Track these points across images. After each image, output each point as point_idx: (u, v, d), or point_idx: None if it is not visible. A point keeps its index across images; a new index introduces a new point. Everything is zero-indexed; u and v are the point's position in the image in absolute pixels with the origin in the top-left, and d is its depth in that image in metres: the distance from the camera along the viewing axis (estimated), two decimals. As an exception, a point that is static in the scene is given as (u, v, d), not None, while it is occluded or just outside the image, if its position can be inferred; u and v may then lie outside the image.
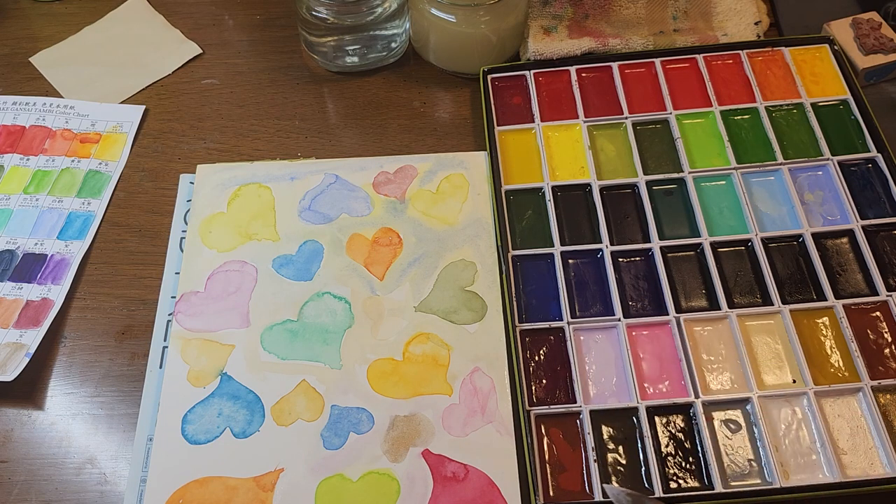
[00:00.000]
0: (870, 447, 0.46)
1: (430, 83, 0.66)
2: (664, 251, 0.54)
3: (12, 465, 0.49)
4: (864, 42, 0.62)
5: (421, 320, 0.53)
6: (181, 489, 0.47)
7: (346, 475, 0.47)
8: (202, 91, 0.66)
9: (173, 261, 0.57)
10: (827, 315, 0.51)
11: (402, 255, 0.56)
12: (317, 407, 0.50)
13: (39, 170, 0.62)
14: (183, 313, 0.53)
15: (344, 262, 0.55)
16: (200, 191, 0.59)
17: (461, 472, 0.47)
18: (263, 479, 0.47)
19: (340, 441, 0.48)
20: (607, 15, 0.66)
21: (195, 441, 0.49)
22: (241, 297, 0.54)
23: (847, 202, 0.55)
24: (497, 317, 0.52)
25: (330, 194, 0.59)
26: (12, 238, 0.58)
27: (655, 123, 0.60)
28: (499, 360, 0.51)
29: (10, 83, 0.68)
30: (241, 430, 0.49)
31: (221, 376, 0.51)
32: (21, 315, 0.54)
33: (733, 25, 0.65)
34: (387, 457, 0.48)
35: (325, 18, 0.62)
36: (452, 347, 0.51)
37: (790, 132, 0.59)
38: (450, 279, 0.54)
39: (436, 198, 0.58)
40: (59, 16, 0.72)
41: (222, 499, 0.47)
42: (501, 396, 0.49)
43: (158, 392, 0.51)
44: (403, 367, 0.51)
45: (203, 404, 0.50)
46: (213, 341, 0.52)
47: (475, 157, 0.60)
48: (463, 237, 0.56)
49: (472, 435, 0.48)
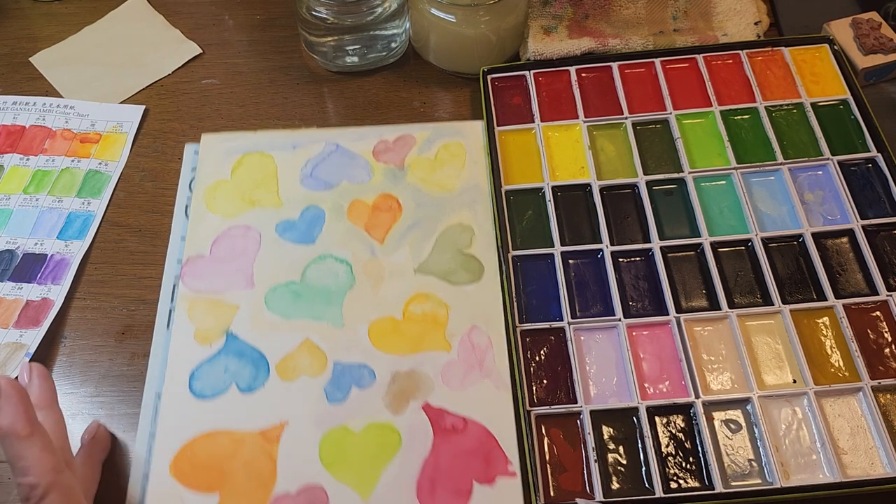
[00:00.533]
0: (870, 447, 0.46)
1: (430, 83, 0.66)
2: (664, 251, 0.54)
3: (12, 465, 0.49)
4: (863, 42, 0.62)
5: (420, 281, 0.54)
6: (190, 442, 0.48)
7: (349, 427, 0.49)
8: (202, 91, 0.66)
9: (179, 226, 0.58)
10: (827, 315, 0.51)
11: (402, 220, 0.57)
12: (320, 363, 0.51)
13: (39, 170, 0.62)
14: (189, 276, 0.55)
15: (345, 227, 0.57)
16: (205, 159, 0.60)
17: (460, 423, 0.48)
18: (269, 431, 0.49)
19: (343, 395, 0.50)
20: (607, 15, 0.66)
21: (202, 396, 0.50)
22: (246, 260, 0.56)
23: (847, 202, 0.55)
24: (494, 278, 0.54)
25: (331, 162, 0.60)
26: (12, 238, 0.58)
27: (655, 123, 0.60)
28: (496, 319, 0.52)
29: (10, 83, 0.68)
30: (247, 386, 0.50)
31: (227, 335, 0.52)
32: (21, 315, 0.54)
33: (733, 25, 0.65)
34: (388, 410, 0.49)
35: (325, 18, 0.62)
36: (451, 307, 0.53)
37: (790, 132, 0.59)
38: (448, 242, 0.56)
39: (434, 165, 0.59)
40: (59, 16, 0.72)
41: (229, 451, 0.48)
42: (498, 352, 0.51)
43: (166, 351, 0.52)
44: (403, 325, 0.52)
45: (210, 362, 0.51)
46: (219, 302, 0.54)
47: (472, 125, 0.61)
48: (460, 202, 0.57)
49: (471, 389, 0.50)
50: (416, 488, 0.46)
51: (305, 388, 0.50)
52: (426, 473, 0.47)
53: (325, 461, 0.47)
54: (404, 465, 0.47)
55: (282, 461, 0.47)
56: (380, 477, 0.47)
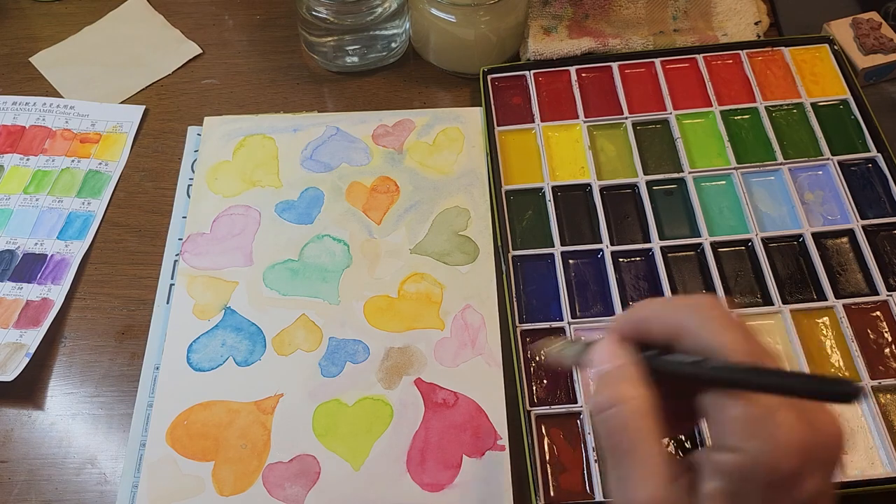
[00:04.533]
0: (870, 447, 0.46)
1: (430, 83, 0.66)
2: (664, 251, 0.54)
3: (12, 465, 0.49)
4: (864, 42, 0.62)
5: (416, 261, 0.55)
6: (185, 411, 0.50)
7: (342, 400, 0.50)
8: (202, 91, 0.66)
9: (180, 206, 0.59)
10: (827, 315, 0.51)
11: (399, 202, 0.58)
12: (315, 338, 0.52)
13: (39, 170, 0.62)
14: (189, 252, 0.56)
15: (343, 208, 0.58)
16: (207, 141, 0.62)
17: (451, 398, 0.50)
18: (264, 402, 0.50)
19: (337, 370, 0.51)
20: (607, 15, 0.66)
21: (199, 368, 0.51)
22: (245, 238, 0.57)
23: (847, 202, 0.55)
24: (488, 259, 0.55)
25: (331, 145, 0.61)
26: (12, 238, 0.58)
27: (655, 123, 0.60)
28: (489, 299, 0.53)
29: (10, 83, 0.67)
30: (244, 359, 0.52)
31: (225, 310, 0.54)
32: (21, 315, 0.54)
33: (733, 25, 0.65)
34: (381, 384, 0.50)
35: (325, 18, 0.62)
36: (445, 286, 0.54)
37: (790, 132, 0.59)
38: (444, 224, 0.57)
39: (432, 149, 0.60)
40: (59, 16, 0.72)
41: (225, 420, 0.49)
42: (491, 331, 0.52)
43: (165, 325, 0.53)
44: (398, 303, 0.53)
45: (207, 335, 0.53)
46: (218, 278, 0.55)
47: (471, 111, 0.62)
48: (457, 186, 0.58)
49: (463, 366, 0.51)
50: (406, 460, 0.47)
51: (301, 362, 0.51)
52: (416, 446, 0.48)
53: (317, 432, 0.49)
54: (395, 437, 0.48)
55: (276, 431, 0.49)
56: (371, 448, 0.48)
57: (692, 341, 0.30)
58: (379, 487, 0.47)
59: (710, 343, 0.29)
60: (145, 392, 0.51)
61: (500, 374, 0.50)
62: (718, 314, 0.30)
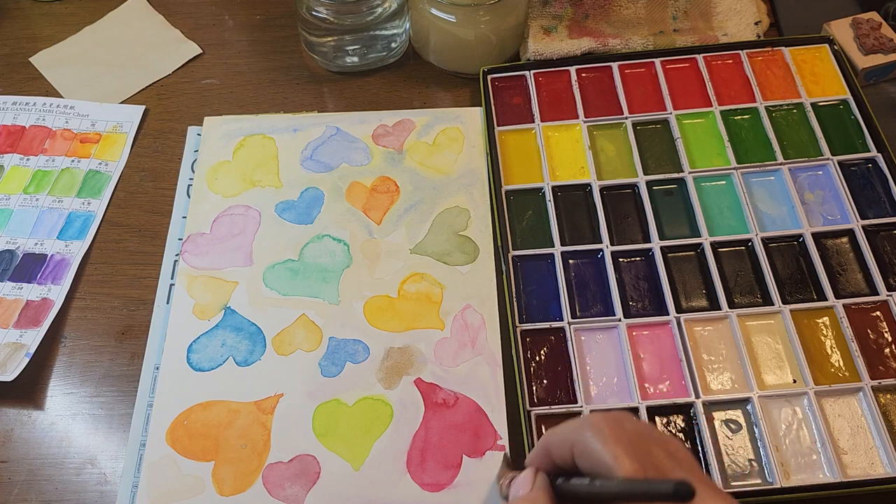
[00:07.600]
0: (870, 447, 0.46)
1: (430, 83, 0.66)
2: (664, 251, 0.54)
3: (12, 465, 0.49)
4: (864, 42, 0.62)
5: (416, 261, 0.55)
6: (186, 411, 0.50)
7: (342, 400, 0.50)
8: (202, 91, 0.66)
9: (180, 206, 0.59)
10: (827, 315, 0.51)
11: (399, 202, 0.58)
12: (315, 338, 0.52)
13: (39, 170, 0.62)
14: (189, 252, 0.56)
15: (343, 208, 0.58)
16: (207, 141, 0.62)
17: (451, 398, 0.50)
18: (264, 402, 0.50)
19: (337, 369, 0.51)
20: (607, 15, 0.66)
21: (199, 368, 0.51)
22: (245, 238, 0.57)
23: (847, 202, 0.55)
24: (488, 259, 0.55)
25: (331, 145, 0.61)
26: (12, 238, 0.58)
27: (655, 123, 0.60)
28: (489, 299, 0.53)
29: (10, 83, 0.67)
30: (244, 359, 0.52)
31: (225, 310, 0.54)
32: (21, 315, 0.54)
33: (733, 25, 0.65)
34: (381, 384, 0.50)
35: (325, 18, 0.62)
36: (445, 286, 0.54)
37: (790, 132, 0.59)
38: (444, 224, 0.57)
39: (432, 149, 0.60)
40: (59, 16, 0.72)
41: (225, 420, 0.49)
42: (491, 331, 0.52)
43: (165, 325, 0.53)
44: (398, 303, 0.53)
45: (207, 335, 0.53)
46: (218, 278, 0.55)
47: (471, 111, 0.62)
48: (457, 186, 0.58)
49: (463, 366, 0.51)
50: (406, 460, 0.47)
51: (301, 362, 0.51)
52: (416, 446, 0.48)
53: (317, 432, 0.49)
54: (395, 437, 0.48)
55: (276, 431, 0.49)
56: (371, 448, 0.48)
57: (587, 459, 0.34)
58: (379, 487, 0.47)
59: (601, 458, 0.33)
60: (145, 392, 0.51)
61: (500, 374, 0.50)
62: (607, 429, 0.34)
